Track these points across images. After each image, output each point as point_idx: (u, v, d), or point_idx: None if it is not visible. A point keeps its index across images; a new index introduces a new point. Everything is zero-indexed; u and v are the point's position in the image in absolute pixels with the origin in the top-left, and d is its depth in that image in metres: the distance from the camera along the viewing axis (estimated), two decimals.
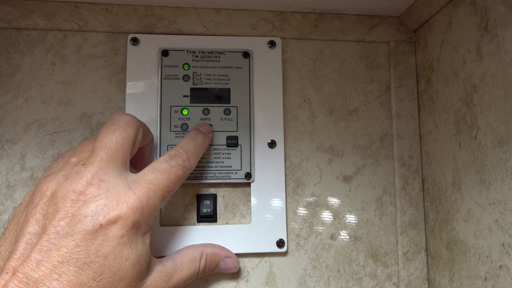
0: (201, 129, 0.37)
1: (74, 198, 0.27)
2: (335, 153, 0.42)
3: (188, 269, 0.34)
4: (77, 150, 0.32)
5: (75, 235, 0.27)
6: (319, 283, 0.40)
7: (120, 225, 0.28)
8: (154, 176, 0.31)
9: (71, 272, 0.26)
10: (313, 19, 0.43)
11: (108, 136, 0.30)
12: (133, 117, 0.32)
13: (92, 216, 0.27)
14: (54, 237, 0.26)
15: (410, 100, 0.44)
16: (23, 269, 0.26)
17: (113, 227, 0.27)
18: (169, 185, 0.31)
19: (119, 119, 0.31)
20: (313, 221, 0.41)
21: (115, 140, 0.30)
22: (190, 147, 0.34)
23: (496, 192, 0.32)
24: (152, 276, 0.31)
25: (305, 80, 0.43)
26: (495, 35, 0.32)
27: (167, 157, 0.32)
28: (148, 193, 0.30)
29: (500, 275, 0.31)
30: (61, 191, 0.28)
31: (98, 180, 0.28)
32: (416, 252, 0.42)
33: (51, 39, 0.40)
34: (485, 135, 0.33)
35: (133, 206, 0.28)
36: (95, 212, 0.27)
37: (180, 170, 0.32)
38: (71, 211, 0.27)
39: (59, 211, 0.27)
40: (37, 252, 0.26)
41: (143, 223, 0.29)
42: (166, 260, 0.33)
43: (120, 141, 0.30)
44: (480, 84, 0.34)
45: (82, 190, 0.28)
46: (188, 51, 0.41)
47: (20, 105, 0.39)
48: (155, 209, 0.30)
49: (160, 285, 0.31)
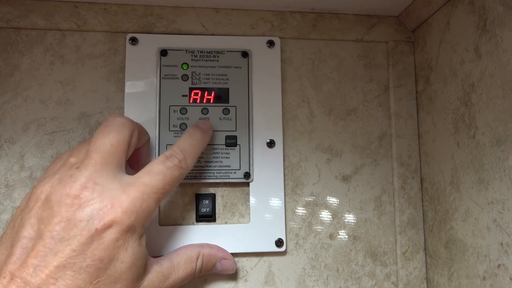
0: (200, 126, 0.37)
1: (69, 203, 0.27)
2: (334, 153, 0.42)
3: (184, 269, 0.34)
4: (74, 151, 0.32)
5: (70, 240, 0.27)
6: (318, 282, 0.40)
7: (115, 229, 0.28)
8: (149, 178, 0.30)
9: (67, 277, 0.26)
10: (312, 18, 0.43)
11: (102, 139, 0.30)
12: (127, 118, 0.32)
13: (87, 221, 0.27)
14: (50, 242, 0.26)
15: (409, 100, 0.44)
16: (20, 274, 0.26)
17: (108, 231, 0.27)
18: (165, 187, 0.31)
19: (113, 121, 0.31)
20: (312, 221, 0.41)
21: (109, 142, 0.30)
22: (187, 146, 0.34)
23: (494, 192, 0.32)
24: (149, 276, 0.31)
25: (304, 80, 0.43)
26: (493, 34, 0.32)
27: (162, 158, 0.32)
28: (143, 196, 0.29)
29: (498, 274, 0.31)
30: (55, 195, 0.28)
31: (92, 183, 0.28)
32: (414, 251, 0.42)
33: (50, 38, 0.40)
34: (483, 134, 0.33)
35: (127, 210, 0.28)
36: (90, 217, 0.27)
37: (176, 171, 0.32)
38: (66, 215, 0.27)
39: (54, 216, 0.27)
40: (33, 257, 0.26)
41: (138, 226, 0.29)
42: (163, 259, 0.33)
43: (114, 144, 0.30)
44: (479, 83, 0.34)
45: (77, 194, 0.28)
46: (187, 51, 0.41)
47: (19, 104, 0.39)
48: (150, 211, 0.30)
49: (157, 285, 0.31)
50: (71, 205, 0.27)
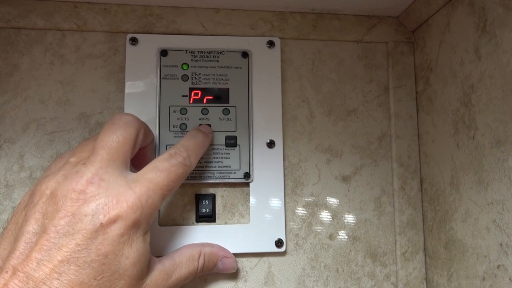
0: (202, 129, 0.37)
1: (74, 197, 0.27)
2: (333, 153, 0.42)
3: (186, 268, 0.34)
4: (77, 150, 0.32)
5: (75, 234, 0.27)
6: (318, 283, 0.40)
7: (120, 224, 0.28)
8: (154, 174, 0.31)
9: (71, 271, 0.26)
10: (312, 19, 0.43)
11: (109, 136, 0.30)
12: (134, 117, 0.32)
13: (92, 215, 0.27)
14: (54, 236, 0.26)
15: (409, 101, 0.44)
16: (23, 268, 0.25)
17: (113, 226, 0.27)
18: (169, 184, 0.31)
19: (120, 119, 0.31)
20: (312, 221, 0.41)
21: (116, 139, 0.30)
22: (190, 145, 0.34)
23: (494, 192, 0.32)
24: (153, 274, 0.31)
25: (304, 80, 0.43)
26: (493, 35, 0.32)
27: (167, 155, 0.32)
28: (148, 192, 0.29)
29: (498, 274, 0.31)
30: (61, 190, 0.28)
31: (98, 179, 0.28)
32: (414, 252, 0.42)
33: (49, 38, 0.40)
34: (483, 135, 0.33)
35: (133, 205, 0.28)
36: (95, 211, 0.27)
37: (180, 169, 0.32)
38: (71, 210, 0.27)
39: (59, 210, 0.27)
40: (37, 251, 0.26)
41: (143, 222, 0.29)
42: (165, 258, 0.34)
43: (121, 141, 0.30)
44: (478, 84, 0.34)
45: (82, 189, 0.28)
46: (187, 51, 0.41)
47: (18, 104, 0.39)
48: (155, 208, 0.30)
49: (160, 283, 0.31)
50: (76, 199, 0.27)
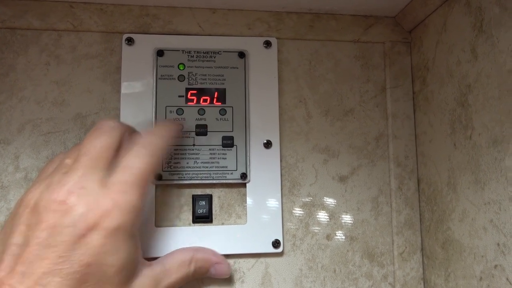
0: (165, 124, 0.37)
1: (55, 208, 0.27)
2: (330, 154, 0.42)
3: (177, 274, 0.33)
4: (66, 155, 0.32)
5: (57, 246, 0.26)
6: (315, 283, 0.40)
7: (100, 233, 0.27)
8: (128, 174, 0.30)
9: (55, 283, 0.26)
10: (308, 19, 0.43)
11: (92, 142, 0.30)
12: (118, 122, 0.33)
13: (72, 227, 0.27)
14: (37, 249, 0.26)
15: (406, 101, 0.44)
16: (8, 281, 0.26)
17: (93, 236, 0.27)
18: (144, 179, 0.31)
19: (104, 125, 0.32)
20: (309, 222, 0.41)
21: (99, 145, 0.30)
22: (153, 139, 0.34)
23: (491, 192, 0.32)
24: (140, 280, 0.30)
25: (301, 81, 0.43)
26: (490, 35, 0.32)
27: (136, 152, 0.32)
28: (125, 196, 0.29)
29: (495, 274, 0.31)
30: (43, 201, 0.28)
31: (78, 187, 0.28)
32: (411, 252, 0.42)
33: (45, 39, 0.40)
34: (480, 135, 0.33)
35: (110, 212, 0.28)
36: (75, 222, 0.27)
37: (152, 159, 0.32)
38: (52, 221, 0.27)
39: (41, 222, 0.27)
40: (21, 264, 0.26)
41: (127, 226, 0.29)
42: (155, 263, 0.33)
43: (104, 146, 0.30)
44: (475, 84, 0.34)
45: (63, 199, 0.28)
46: (184, 51, 0.41)
47: (14, 105, 0.38)
48: (136, 209, 0.30)
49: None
50: (57, 211, 0.27)
